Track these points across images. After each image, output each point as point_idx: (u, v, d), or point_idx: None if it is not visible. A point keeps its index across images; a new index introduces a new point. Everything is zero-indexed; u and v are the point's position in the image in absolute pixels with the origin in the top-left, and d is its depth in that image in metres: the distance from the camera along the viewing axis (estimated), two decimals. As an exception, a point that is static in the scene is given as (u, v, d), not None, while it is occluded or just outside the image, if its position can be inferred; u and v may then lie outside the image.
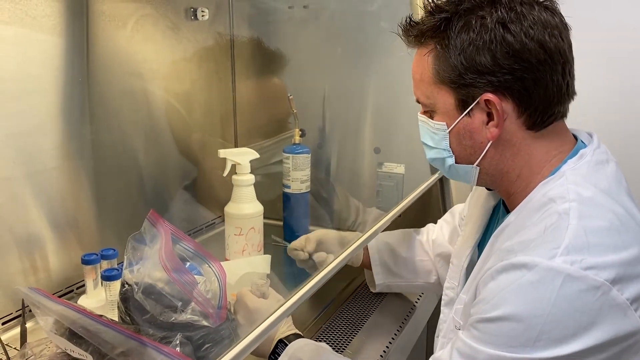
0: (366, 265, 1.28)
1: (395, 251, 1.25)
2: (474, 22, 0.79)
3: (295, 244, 1.23)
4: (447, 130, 0.84)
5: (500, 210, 0.96)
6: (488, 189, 0.96)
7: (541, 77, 0.78)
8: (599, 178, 0.79)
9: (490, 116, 0.81)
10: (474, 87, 0.79)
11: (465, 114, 0.82)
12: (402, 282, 1.26)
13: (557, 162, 0.82)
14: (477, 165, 0.85)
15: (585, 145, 0.84)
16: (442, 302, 1.02)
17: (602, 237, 0.71)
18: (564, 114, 0.84)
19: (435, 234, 1.25)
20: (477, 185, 0.90)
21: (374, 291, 1.30)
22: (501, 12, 0.78)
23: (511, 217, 0.82)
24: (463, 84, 0.80)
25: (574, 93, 0.83)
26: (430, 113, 0.87)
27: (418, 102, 0.89)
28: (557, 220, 0.73)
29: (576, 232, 0.71)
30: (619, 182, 0.81)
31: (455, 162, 0.87)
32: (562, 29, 0.80)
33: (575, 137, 0.87)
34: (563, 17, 0.82)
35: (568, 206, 0.74)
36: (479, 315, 0.74)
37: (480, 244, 0.97)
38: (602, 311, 0.67)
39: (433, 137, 0.87)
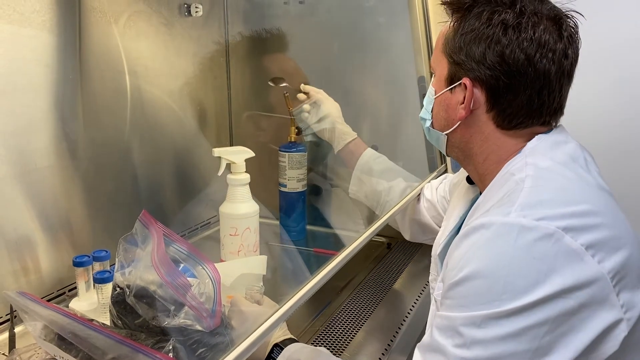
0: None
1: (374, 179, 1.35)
2: (484, 14, 0.84)
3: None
4: (434, 97, 0.93)
5: None
6: (469, 183, 1.00)
7: (515, 85, 0.83)
8: (556, 153, 0.83)
9: (465, 100, 0.87)
10: (462, 68, 0.86)
11: (449, 89, 0.89)
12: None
13: (522, 147, 0.86)
14: (445, 134, 0.92)
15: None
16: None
17: (554, 195, 0.76)
18: (542, 125, 0.86)
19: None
20: (448, 155, 0.96)
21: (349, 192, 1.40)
22: (510, 15, 0.82)
23: (481, 198, 0.86)
24: (456, 61, 0.87)
25: (550, 114, 0.86)
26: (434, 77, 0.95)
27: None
28: (514, 187, 0.78)
29: (529, 193, 0.76)
30: (575, 159, 0.84)
31: (431, 126, 0.95)
32: (559, 55, 0.82)
33: None
34: (573, 46, 0.84)
35: (524, 175, 0.79)
36: (447, 283, 0.76)
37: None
38: (558, 257, 0.70)
39: (427, 97, 0.95)
